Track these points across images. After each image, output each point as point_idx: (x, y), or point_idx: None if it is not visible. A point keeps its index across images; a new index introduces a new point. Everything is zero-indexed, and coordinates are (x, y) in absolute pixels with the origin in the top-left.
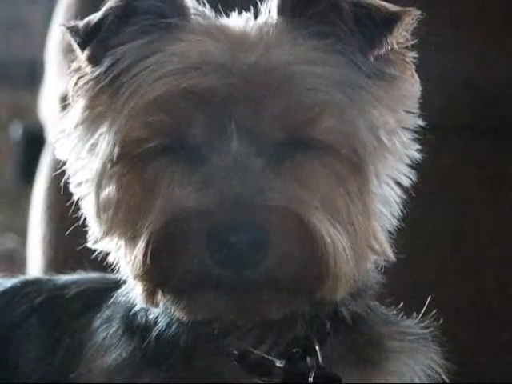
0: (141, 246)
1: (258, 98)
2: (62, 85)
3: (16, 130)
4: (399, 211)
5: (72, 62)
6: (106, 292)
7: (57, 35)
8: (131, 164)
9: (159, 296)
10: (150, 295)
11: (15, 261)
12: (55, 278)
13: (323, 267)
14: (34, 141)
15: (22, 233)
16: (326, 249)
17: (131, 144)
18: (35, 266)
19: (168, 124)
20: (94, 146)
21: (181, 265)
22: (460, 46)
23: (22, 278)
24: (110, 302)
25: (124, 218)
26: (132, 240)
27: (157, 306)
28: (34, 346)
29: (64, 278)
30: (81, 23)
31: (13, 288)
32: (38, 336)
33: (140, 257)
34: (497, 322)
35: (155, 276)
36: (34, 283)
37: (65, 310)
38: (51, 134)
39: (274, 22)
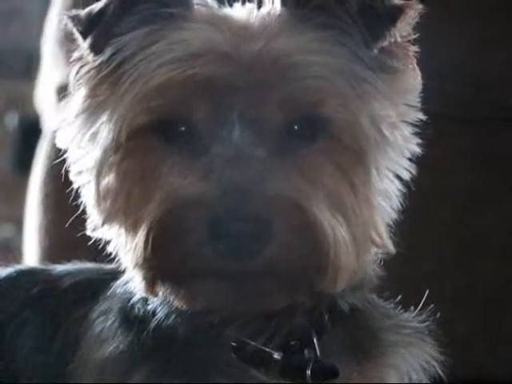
0: (141, 234)
1: (260, 86)
2: (59, 75)
3: (12, 120)
4: (399, 204)
5: (71, 51)
6: (102, 283)
7: (54, 25)
8: (132, 152)
9: (159, 285)
10: (150, 284)
11: (11, 250)
12: (50, 268)
13: (324, 258)
14: (31, 130)
15: (18, 222)
16: (326, 239)
17: (132, 131)
18: (31, 255)
19: (170, 110)
20: (94, 135)
21: (181, 254)
22: (454, 34)
23: (16, 267)
24: (108, 293)
25: (124, 206)
26: (132, 228)
27: (156, 295)
28: (29, 339)
29: (59, 268)
30: (82, 12)
31: (7, 278)
32: (34, 328)
33: (141, 244)
34: (495, 314)
35: (155, 264)
36: (29, 273)
37: (60, 301)
38: (48, 124)
39: (277, 12)
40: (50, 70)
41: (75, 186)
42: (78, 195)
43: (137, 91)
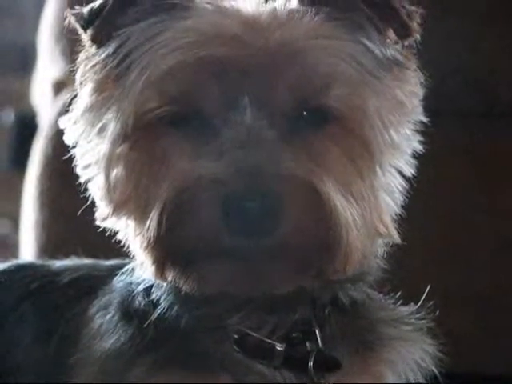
0: (154, 214)
1: (270, 69)
2: (55, 71)
3: (8, 116)
4: (401, 200)
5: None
6: (100, 279)
7: (50, 21)
8: (140, 141)
9: (168, 268)
10: (160, 267)
11: (8, 246)
12: (49, 263)
13: (335, 238)
14: (27, 127)
15: (14, 218)
16: (339, 220)
17: (141, 117)
18: (28, 251)
19: (182, 93)
20: (103, 128)
21: (195, 232)
22: (450, 31)
23: (15, 262)
24: (107, 288)
25: (133, 193)
26: (142, 212)
27: (165, 279)
28: (27, 333)
29: (58, 263)
30: (85, 8)
31: (6, 272)
32: (32, 322)
33: (154, 224)
34: (489, 310)
35: (168, 244)
36: (28, 268)
37: (59, 296)
38: (44, 120)
39: (285, 5)
40: (46, 66)
41: (82, 179)
42: (75, 192)
43: (148, 75)
